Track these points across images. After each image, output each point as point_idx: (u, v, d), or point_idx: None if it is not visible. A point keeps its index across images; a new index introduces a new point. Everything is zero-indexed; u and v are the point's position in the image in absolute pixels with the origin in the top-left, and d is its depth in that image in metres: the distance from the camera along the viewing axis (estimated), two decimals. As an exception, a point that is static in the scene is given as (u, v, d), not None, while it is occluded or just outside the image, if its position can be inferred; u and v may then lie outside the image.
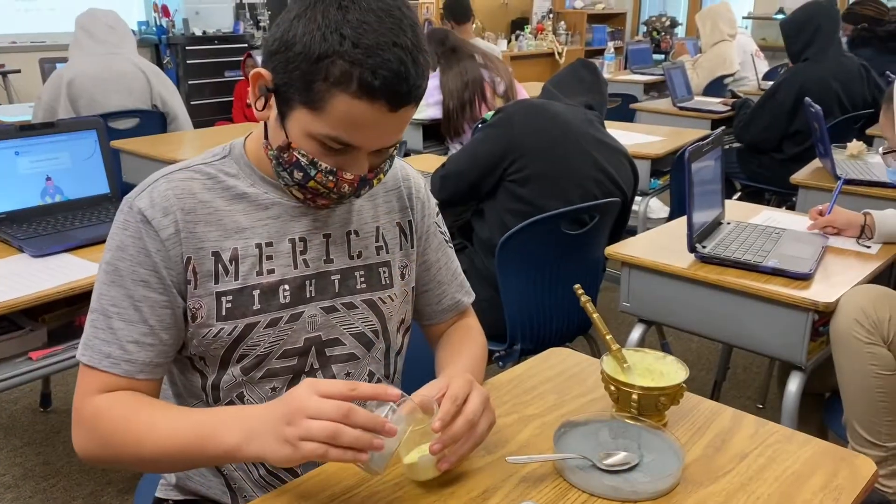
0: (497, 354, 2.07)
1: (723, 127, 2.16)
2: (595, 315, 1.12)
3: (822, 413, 1.87)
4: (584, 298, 1.12)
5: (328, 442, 0.80)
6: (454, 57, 3.10)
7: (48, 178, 1.90)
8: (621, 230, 2.25)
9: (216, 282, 1.00)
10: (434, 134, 3.51)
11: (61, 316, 1.63)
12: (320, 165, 0.95)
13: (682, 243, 1.79)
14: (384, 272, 1.12)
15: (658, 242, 1.94)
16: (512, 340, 2.03)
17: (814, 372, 1.70)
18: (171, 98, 3.29)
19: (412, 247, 1.16)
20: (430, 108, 3.21)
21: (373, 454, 0.84)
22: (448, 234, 1.25)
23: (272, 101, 0.94)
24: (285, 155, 0.96)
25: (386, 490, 0.92)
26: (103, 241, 1.01)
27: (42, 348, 1.57)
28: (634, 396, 1.04)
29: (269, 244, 1.02)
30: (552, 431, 1.01)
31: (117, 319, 0.95)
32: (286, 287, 1.03)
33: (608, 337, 1.11)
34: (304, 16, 0.89)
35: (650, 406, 1.05)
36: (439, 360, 1.20)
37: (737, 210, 2.19)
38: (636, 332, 1.86)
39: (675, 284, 1.76)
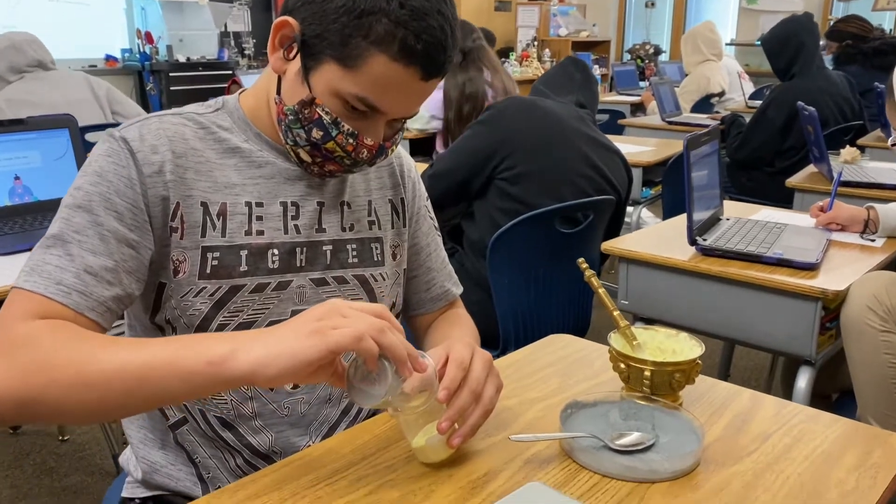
0: (490, 361, 1.98)
1: (720, 122, 2.09)
2: (601, 290, 1.04)
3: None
4: (588, 273, 1.04)
5: (370, 333, 0.72)
6: (466, 60, 2.92)
7: (17, 178, 1.81)
8: (615, 233, 2.18)
9: (203, 235, 0.92)
10: (420, 149, 3.46)
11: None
12: (343, 126, 0.89)
13: (680, 239, 1.72)
14: (376, 248, 1.05)
15: (655, 239, 1.87)
16: (504, 345, 1.94)
17: (820, 372, 1.62)
18: (124, 100, 3.23)
19: (404, 226, 1.10)
20: (435, 120, 3.11)
21: (384, 378, 0.75)
22: (437, 220, 1.19)
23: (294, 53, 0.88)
24: (306, 111, 0.89)
25: (376, 473, 0.82)
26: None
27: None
28: (647, 373, 0.95)
29: (259, 204, 0.95)
30: (557, 413, 0.93)
31: (77, 247, 0.84)
32: (275, 252, 0.95)
33: (616, 313, 1.03)
34: None
35: (664, 384, 0.96)
36: (430, 344, 1.12)
37: (734, 209, 2.13)
38: (636, 332, 1.77)
39: (675, 279, 1.68)
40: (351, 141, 0.90)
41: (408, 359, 0.76)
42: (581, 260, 1.05)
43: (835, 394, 1.82)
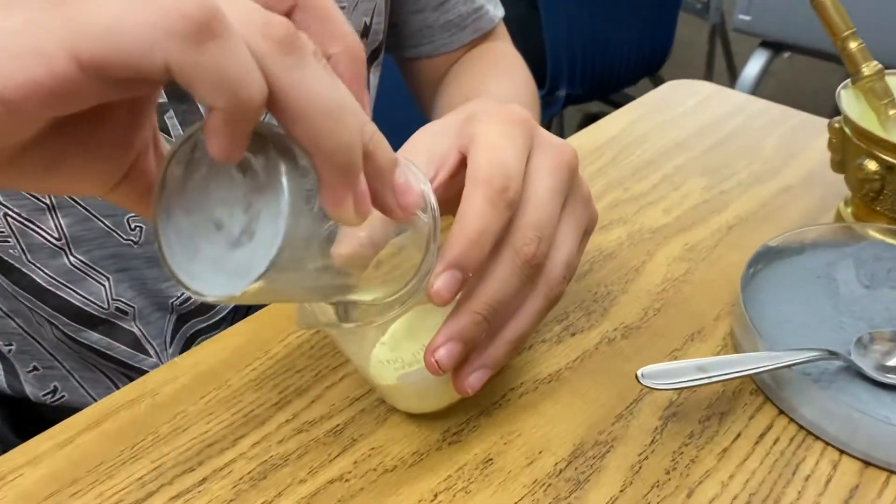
0: (531, 105, 1.46)
1: None
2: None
3: None
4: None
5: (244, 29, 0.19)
6: None
7: None
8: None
9: None
10: None
11: None
12: None
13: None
14: None
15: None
16: (554, 82, 1.44)
17: None
18: None
19: None
20: None
21: (274, 200, 0.22)
22: None
23: None
24: None
25: (313, 454, 0.34)
26: None
27: None
28: (937, 188, 0.42)
29: None
30: (717, 269, 0.42)
31: None
32: None
33: (854, 46, 0.46)
34: None
35: (966, 210, 0.43)
36: (442, 109, 0.59)
37: None
38: (755, 65, 1.21)
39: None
40: None
41: (360, 156, 0.22)
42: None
43: None
